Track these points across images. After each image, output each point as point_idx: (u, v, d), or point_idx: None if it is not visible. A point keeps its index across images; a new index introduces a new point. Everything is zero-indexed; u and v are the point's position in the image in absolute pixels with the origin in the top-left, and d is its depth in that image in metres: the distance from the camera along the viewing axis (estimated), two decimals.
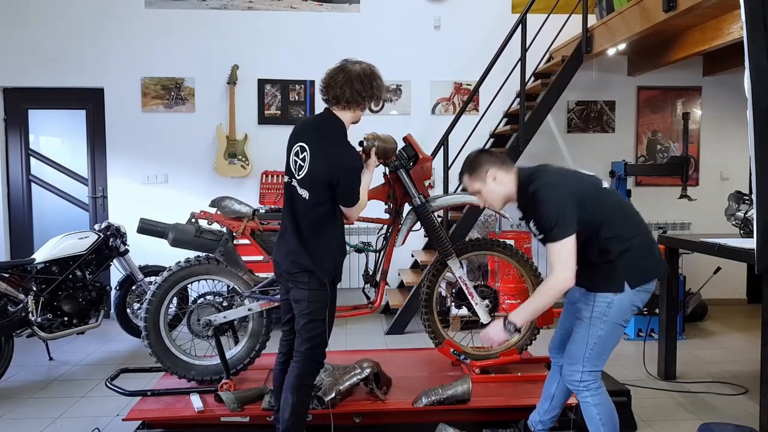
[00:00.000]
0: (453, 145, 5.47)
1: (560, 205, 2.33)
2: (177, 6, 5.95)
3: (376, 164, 2.92)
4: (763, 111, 2.54)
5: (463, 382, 2.99)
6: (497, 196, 2.54)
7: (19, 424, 3.47)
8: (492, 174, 2.50)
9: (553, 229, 2.31)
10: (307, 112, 6.09)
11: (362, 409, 2.97)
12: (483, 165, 2.51)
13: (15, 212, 6.06)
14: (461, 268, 3.35)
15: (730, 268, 5.11)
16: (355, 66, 2.61)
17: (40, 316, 4.15)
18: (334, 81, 2.57)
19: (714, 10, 4.26)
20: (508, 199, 2.55)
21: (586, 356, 2.43)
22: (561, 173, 2.54)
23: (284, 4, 6.07)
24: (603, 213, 2.43)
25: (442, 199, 3.41)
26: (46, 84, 5.92)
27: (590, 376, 2.44)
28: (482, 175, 2.51)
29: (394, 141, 3.14)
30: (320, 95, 2.63)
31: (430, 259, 4.90)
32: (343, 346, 4.90)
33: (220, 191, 4.36)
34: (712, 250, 3.48)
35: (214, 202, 3.31)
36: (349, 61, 2.64)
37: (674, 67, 5.75)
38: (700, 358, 4.52)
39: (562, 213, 2.32)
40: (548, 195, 2.36)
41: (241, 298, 3.28)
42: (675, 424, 3.35)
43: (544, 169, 2.52)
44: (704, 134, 6.38)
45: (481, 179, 2.52)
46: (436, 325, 3.44)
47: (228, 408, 2.93)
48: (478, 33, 6.07)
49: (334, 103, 2.60)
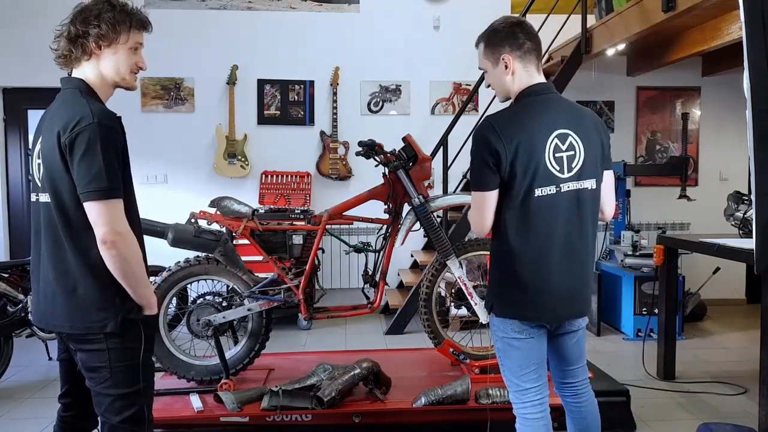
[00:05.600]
0: (452, 146, 5.48)
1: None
2: (176, 6, 5.95)
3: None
4: (762, 111, 2.54)
5: (463, 382, 2.99)
6: (500, 87, 2.14)
7: (18, 424, 3.47)
8: (506, 60, 2.08)
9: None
10: (307, 112, 6.09)
11: (361, 409, 2.97)
12: (502, 46, 2.09)
13: (14, 212, 6.06)
14: (460, 268, 3.35)
15: (729, 269, 5.12)
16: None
17: None
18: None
19: (713, 10, 4.26)
20: (511, 95, 2.14)
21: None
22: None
23: (284, 4, 6.07)
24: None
25: (442, 199, 3.41)
26: (46, 84, 5.88)
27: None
28: (496, 55, 2.10)
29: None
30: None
31: (429, 260, 4.90)
32: (343, 346, 4.90)
33: (220, 191, 4.36)
34: (711, 250, 3.48)
35: (214, 202, 3.31)
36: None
37: (673, 67, 5.75)
38: (699, 358, 4.52)
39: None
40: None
41: (240, 298, 3.28)
42: (674, 424, 3.35)
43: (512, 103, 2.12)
44: (703, 134, 6.38)
45: (493, 59, 2.11)
46: (436, 325, 3.44)
47: (227, 408, 2.93)
48: (477, 33, 6.02)
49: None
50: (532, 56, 2.08)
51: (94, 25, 1.87)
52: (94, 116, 1.78)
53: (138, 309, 1.89)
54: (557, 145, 1.99)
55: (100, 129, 1.77)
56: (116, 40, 1.90)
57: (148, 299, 1.90)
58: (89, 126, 1.76)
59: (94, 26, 1.87)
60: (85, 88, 1.90)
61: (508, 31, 2.09)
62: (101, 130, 1.77)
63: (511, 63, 2.07)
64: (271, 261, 3.34)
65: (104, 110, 1.84)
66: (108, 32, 1.88)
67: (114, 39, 1.89)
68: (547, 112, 2.03)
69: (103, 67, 1.92)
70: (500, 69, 2.09)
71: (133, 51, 1.95)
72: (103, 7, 1.89)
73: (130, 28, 1.92)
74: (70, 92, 1.91)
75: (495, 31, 2.12)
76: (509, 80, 2.09)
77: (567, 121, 2.02)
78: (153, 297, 1.93)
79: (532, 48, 2.08)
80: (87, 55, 1.91)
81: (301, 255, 3.35)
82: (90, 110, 1.79)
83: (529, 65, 2.08)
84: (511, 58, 2.06)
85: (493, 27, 2.14)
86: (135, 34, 1.94)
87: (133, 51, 1.95)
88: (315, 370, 3.18)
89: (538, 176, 1.96)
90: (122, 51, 1.92)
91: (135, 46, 1.95)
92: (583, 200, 2.02)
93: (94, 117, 1.78)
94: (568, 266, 2.03)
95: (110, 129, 1.81)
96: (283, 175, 5.98)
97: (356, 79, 6.11)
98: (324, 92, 6.11)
